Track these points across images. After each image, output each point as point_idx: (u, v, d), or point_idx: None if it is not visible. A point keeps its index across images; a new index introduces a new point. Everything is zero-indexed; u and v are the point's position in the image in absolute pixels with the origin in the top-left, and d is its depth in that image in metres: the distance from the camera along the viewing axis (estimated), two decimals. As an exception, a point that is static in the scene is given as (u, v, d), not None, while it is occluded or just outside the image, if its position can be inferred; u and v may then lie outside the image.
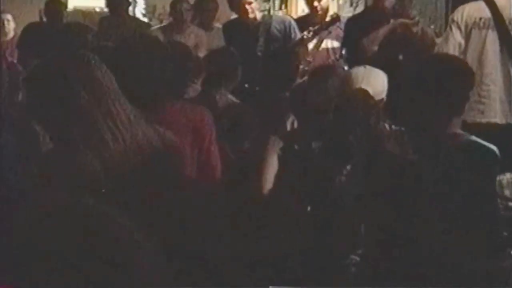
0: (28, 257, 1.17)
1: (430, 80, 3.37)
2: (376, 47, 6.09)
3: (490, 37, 5.92)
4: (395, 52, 5.70)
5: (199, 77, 5.42)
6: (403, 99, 3.60)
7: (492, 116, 5.84)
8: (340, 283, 3.64)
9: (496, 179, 3.62)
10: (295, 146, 4.37)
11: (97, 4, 10.75)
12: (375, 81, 5.12)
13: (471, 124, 5.27)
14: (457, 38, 5.99)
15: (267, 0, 10.61)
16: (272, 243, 3.76)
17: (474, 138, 3.36)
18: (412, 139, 3.37)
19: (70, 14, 9.15)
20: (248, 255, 3.52)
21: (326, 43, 6.90)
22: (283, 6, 10.82)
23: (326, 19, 6.96)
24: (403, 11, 6.36)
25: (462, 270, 3.16)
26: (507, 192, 3.98)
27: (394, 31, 6.02)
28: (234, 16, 7.52)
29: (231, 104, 5.20)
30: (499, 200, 3.70)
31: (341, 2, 9.72)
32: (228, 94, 5.37)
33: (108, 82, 2.72)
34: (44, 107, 2.68)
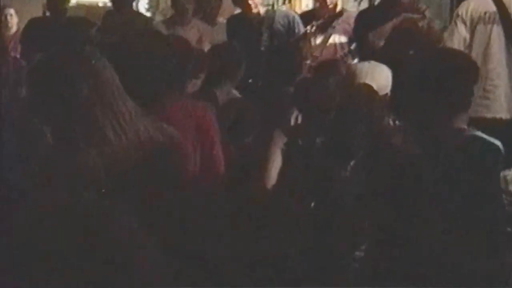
0: (28, 257, 1.16)
1: (434, 75, 3.36)
2: (382, 42, 6.08)
3: (495, 31, 5.90)
4: (401, 47, 5.68)
5: (202, 72, 5.41)
6: (406, 94, 3.59)
7: (497, 111, 5.83)
8: (340, 283, 3.64)
9: (501, 174, 3.61)
10: (299, 141, 4.36)
11: (100, -2, 10.77)
12: (379, 76, 5.11)
13: (476, 119, 5.24)
14: (462, 32, 5.97)
15: (271, -5, 10.58)
16: (273, 242, 3.75)
17: (479, 134, 3.34)
18: (416, 135, 3.35)
19: (73, 9, 9.14)
20: (248, 255, 3.51)
21: (333, 38, 6.86)
22: (286, 1, 10.80)
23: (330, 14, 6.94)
24: (415, 6, 6.31)
25: (462, 270, 3.16)
26: (511, 188, 3.97)
27: (400, 26, 6.00)
28: (238, 11, 7.51)
29: (233, 99, 5.19)
30: (503, 196, 3.69)
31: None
32: (232, 89, 5.36)
33: (110, 78, 2.71)
34: (45, 103, 2.67)
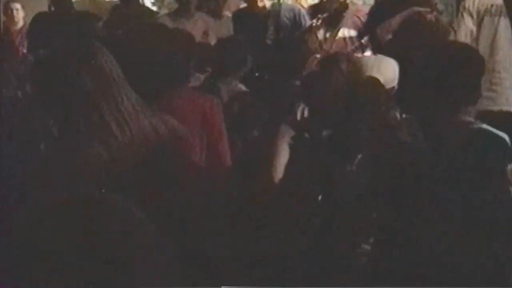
0: (29, 256, 1.15)
1: (439, 68, 3.34)
2: (390, 36, 6.05)
3: (502, 24, 5.88)
4: (408, 41, 5.66)
5: (208, 66, 5.40)
6: (412, 88, 3.58)
7: (504, 104, 5.81)
8: (341, 283, 3.63)
9: (508, 167, 3.60)
10: (306, 135, 4.35)
11: (106, -7, 10.73)
12: (386, 69, 5.10)
13: (483, 112, 5.23)
14: (468, 25, 5.95)
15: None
16: (278, 238, 3.75)
17: (485, 126, 3.33)
18: (423, 128, 3.34)
19: (79, 3, 9.13)
20: (252, 253, 3.51)
21: (343, 32, 6.84)
22: (292, -5, 10.78)
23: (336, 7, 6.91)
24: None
25: (462, 270, 3.15)
26: (519, 181, 3.95)
27: (408, 20, 5.97)
28: (244, 5, 7.50)
29: (237, 93, 5.18)
30: (511, 189, 3.68)
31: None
32: (238, 83, 5.35)
33: (114, 72, 2.70)
34: (49, 97, 2.67)
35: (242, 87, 5.35)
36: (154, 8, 10.18)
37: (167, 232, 1.22)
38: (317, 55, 6.29)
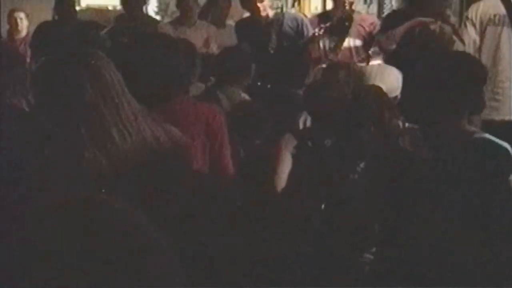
0: (28, 257, 1.16)
1: (441, 78, 3.34)
2: (394, 45, 6.06)
3: (505, 34, 5.89)
4: (412, 50, 5.66)
5: (209, 75, 5.41)
6: (415, 97, 3.58)
7: (506, 113, 5.82)
8: (341, 283, 3.63)
9: (510, 177, 3.59)
10: (309, 143, 4.35)
11: (110, 2, 10.75)
12: (388, 78, 5.11)
13: (486, 121, 5.23)
14: (471, 35, 5.96)
15: (279, -2, 10.59)
16: (279, 248, 3.75)
17: (487, 136, 3.33)
18: (425, 137, 3.34)
19: (82, 12, 9.16)
20: (253, 257, 3.51)
21: (348, 42, 6.83)
22: (296, 4, 10.81)
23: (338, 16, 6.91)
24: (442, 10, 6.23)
25: (462, 269, 3.15)
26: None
27: (412, 29, 5.98)
28: (247, 14, 7.51)
29: (242, 102, 5.18)
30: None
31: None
32: (241, 92, 5.35)
33: (115, 80, 2.71)
34: (50, 105, 2.67)
35: (245, 96, 5.36)
36: (158, 17, 10.22)
37: (167, 232, 1.22)
38: (323, 65, 6.28)
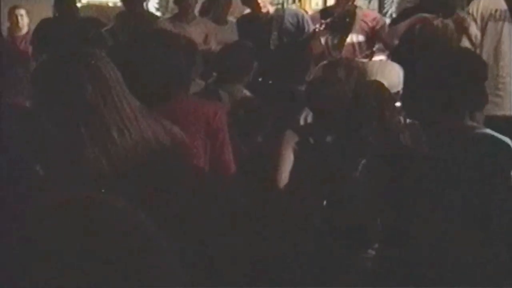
0: (28, 257, 1.15)
1: (441, 74, 3.34)
2: (396, 41, 6.06)
3: (506, 29, 5.89)
4: (415, 46, 5.66)
5: (212, 71, 5.40)
6: (416, 92, 3.57)
7: (507, 108, 5.81)
8: (342, 282, 3.63)
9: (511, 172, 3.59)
10: (311, 140, 4.35)
11: (110, -2, 10.79)
12: (390, 74, 5.11)
13: (487, 117, 5.23)
14: (472, 30, 5.95)
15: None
16: (280, 245, 3.75)
17: (488, 131, 3.32)
18: (426, 133, 3.34)
19: (83, 9, 9.15)
20: (251, 257, 3.50)
21: (351, 38, 6.82)
22: (296, 0, 10.80)
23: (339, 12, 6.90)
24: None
25: (462, 269, 3.14)
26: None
27: (414, 25, 5.97)
28: (248, 10, 7.50)
29: (243, 98, 5.17)
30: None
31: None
32: (243, 88, 5.34)
33: (114, 78, 2.71)
34: (50, 104, 2.67)
35: (247, 93, 5.35)
36: (158, 13, 10.21)
37: (167, 232, 1.22)
38: (325, 62, 6.28)
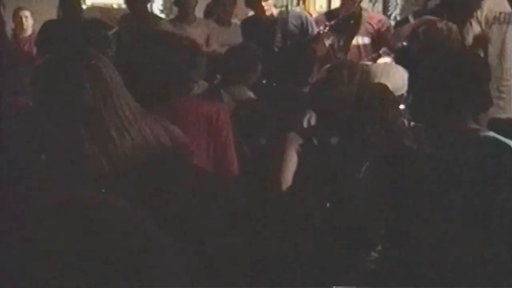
0: (28, 257, 1.15)
1: (444, 76, 3.34)
2: (401, 43, 6.07)
3: (510, 31, 5.88)
4: (419, 48, 5.66)
5: (216, 72, 5.40)
6: (419, 95, 3.57)
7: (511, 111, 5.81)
8: (343, 283, 3.63)
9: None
10: (314, 142, 4.35)
11: (115, 0, 10.78)
12: (394, 76, 5.12)
13: (491, 119, 5.22)
14: (477, 33, 5.95)
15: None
16: (283, 247, 3.74)
17: (492, 134, 3.32)
18: (430, 135, 3.33)
19: (88, 11, 9.16)
20: (252, 258, 3.50)
21: (356, 40, 6.82)
22: (300, 2, 10.81)
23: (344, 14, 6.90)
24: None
25: (462, 269, 3.14)
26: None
27: (419, 27, 5.98)
28: (251, 13, 7.52)
29: (247, 100, 5.18)
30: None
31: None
32: (247, 90, 5.35)
33: (114, 80, 2.71)
34: (50, 104, 2.67)
35: (251, 94, 5.35)
36: (163, 15, 10.23)
37: (167, 232, 1.22)
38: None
